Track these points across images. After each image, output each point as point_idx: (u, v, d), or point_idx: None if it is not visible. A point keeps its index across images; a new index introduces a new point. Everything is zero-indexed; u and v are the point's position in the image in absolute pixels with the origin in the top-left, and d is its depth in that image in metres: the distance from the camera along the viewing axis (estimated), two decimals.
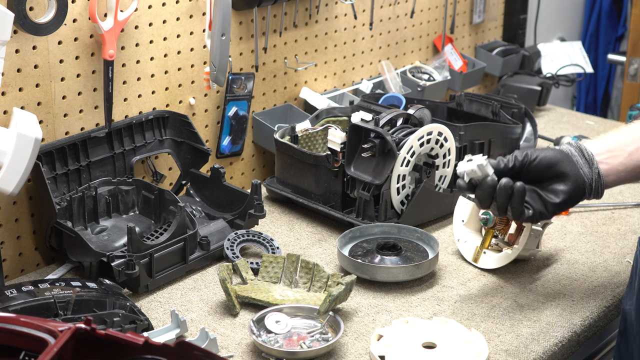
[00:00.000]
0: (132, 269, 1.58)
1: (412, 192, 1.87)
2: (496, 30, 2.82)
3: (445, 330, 1.51)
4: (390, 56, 2.45)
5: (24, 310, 1.41)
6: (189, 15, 1.92)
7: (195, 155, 1.91)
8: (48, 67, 1.69)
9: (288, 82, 2.19)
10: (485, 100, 2.16)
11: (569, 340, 1.54)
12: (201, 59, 1.97)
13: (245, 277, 1.65)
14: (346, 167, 1.85)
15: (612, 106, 3.68)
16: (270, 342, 1.47)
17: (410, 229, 1.80)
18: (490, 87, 2.81)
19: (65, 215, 1.71)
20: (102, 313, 1.44)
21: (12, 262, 1.72)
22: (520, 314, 1.59)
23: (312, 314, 1.54)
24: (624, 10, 3.58)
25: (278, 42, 2.13)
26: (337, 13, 2.25)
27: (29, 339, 1.03)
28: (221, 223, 1.81)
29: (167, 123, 1.90)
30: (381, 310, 1.60)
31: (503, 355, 1.47)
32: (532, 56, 2.76)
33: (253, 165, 2.16)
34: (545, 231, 1.80)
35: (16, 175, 1.45)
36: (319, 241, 1.86)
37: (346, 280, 1.53)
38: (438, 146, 1.88)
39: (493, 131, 2.05)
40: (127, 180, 1.82)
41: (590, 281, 1.71)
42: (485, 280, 1.71)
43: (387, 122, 1.86)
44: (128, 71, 1.83)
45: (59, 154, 1.72)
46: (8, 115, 1.64)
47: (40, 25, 1.61)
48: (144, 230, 1.76)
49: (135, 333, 1.12)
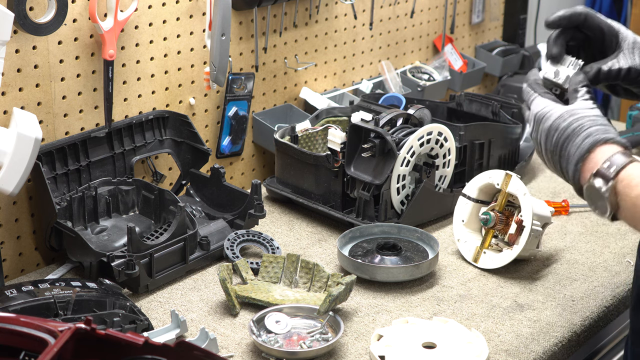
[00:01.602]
0: (132, 269, 1.58)
1: (412, 192, 1.87)
2: (496, 30, 2.82)
3: (445, 330, 1.51)
4: (390, 56, 2.45)
5: (24, 310, 1.41)
6: (189, 15, 1.92)
7: (195, 155, 1.91)
8: (48, 67, 1.69)
9: (288, 82, 2.19)
10: (485, 100, 2.16)
11: (569, 340, 1.54)
12: (201, 59, 1.97)
13: (245, 277, 1.65)
14: (346, 167, 1.85)
15: (612, 106, 3.68)
16: (270, 342, 1.47)
17: (410, 229, 1.80)
18: (490, 87, 2.81)
19: (65, 215, 1.71)
20: (102, 313, 1.44)
21: (12, 262, 1.72)
22: (520, 314, 1.59)
23: (312, 314, 1.54)
24: (624, 10, 3.58)
25: (278, 42, 2.13)
26: (337, 13, 2.25)
27: (29, 339, 1.03)
28: (221, 223, 1.81)
29: (167, 123, 1.90)
30: (381, 310, 1.60)
31: (503, 355, 1.47)
32: (532, 56, 2.76)
33: (253, 165, 2.16)
34: (545, 231, 1.80)
35: (16, 175, 1.45)
36: (319, 241, 1.86)
37: (346, 280, 1.53)
38: (438, 146, 1.88)
39: (493, 131, 2.05)
40: (127, 180, 1.82)
41: (590, 281, 1.71)
42: (485, 280, 1.71)
43: (387, 122, 1.86)
44: (128, 71, 1.83)
45: (59, 154, 1.72)
46: (8, 115, 1.64)
47: (40, 25, 1.61)
48: (144, 230, 1.76)
49: (135, 333, 1.12)
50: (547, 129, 1.29)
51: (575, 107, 1.29)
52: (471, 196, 1.81)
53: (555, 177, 2.18)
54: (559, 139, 1.27)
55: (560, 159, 1.27)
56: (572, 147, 1.25)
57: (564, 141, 1.26)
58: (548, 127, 1.28)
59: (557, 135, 1.27)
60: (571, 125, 1.26)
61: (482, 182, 1.79)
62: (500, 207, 1.76)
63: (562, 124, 1.27)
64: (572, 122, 1.26)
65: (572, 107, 1.29)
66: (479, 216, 1.76)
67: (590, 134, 1.24)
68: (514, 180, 1.73)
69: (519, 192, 1.72)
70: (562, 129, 1.27)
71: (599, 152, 1.22)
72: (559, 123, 1.27)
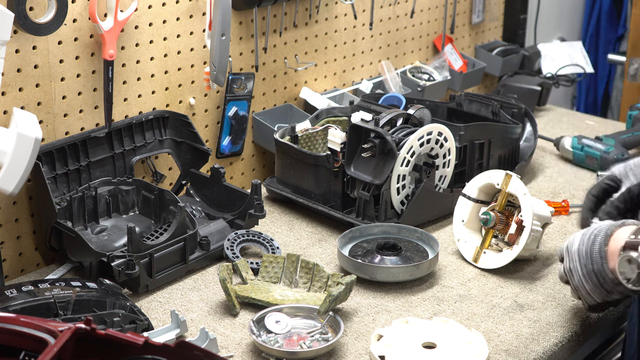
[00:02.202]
0: (132, 269, 1.58)
1: (412, 192, 1.87)
2: (496, 30, 2.82)
3: (445, 330, 1.51)
4: (390, 56, 2.45)
5: (24, 310, 1.41)
6: (189, 15, 1.92)
7: (195, 155, 1.91)
8: (48, 67, 1.69)
9: (288, 82, 2.19)
10: (485, 100, 2.16)
11: (569, 340, 1.54)
12: (201, 59, 1.97)
13: (245, 277, 1.65)
14: (346, 167, 1.85)
15: (612, 106, 3.68)
16: (270, 342, 1.47)
17: (410, 229, 1.80)
18: (490, 87, 2.81)
19: (65, 215, 1.71)
20: (102, 313, 1.44)
21: (12, 262, 1.72)
22: (520, 314, 1.59)
23: (312, 314, 1.54)
24: (624, 10, 3.58)
25: (278, 42, 2.13)
26: (337, 13, 2.25)
27: (29, 339, 1.03)
28: (221, 223, 1.81)
29: (167, 123, 1.90)
30: (381, 310, 1.60)
31: (503, 355, 1.47)
32: (532, 56, 2.76)
33: (253, 165, 2.16)
34: (545, 231, 1.80)
35: (16, 175, 1.45)
36: (319, 241, 1.86)
37: (346, 280, 1.53)
38: (438, 146, 1.88)
39: (493, 131, 2.05)
40: (127, 180, 1.82)
41: None
42: (485, 280, 1.71)
43: (387, 122, 1.86)
44: (128, 71, 1.83)
45: (59, 154, 1.72)
46: (8, 115, 1.64)
47: (40, 25, 1.61)
48: (144, 230, 1.76)
49: (135, 333, 1.12)
50: (576, 250, 1.45)
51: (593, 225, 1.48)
52: (471, 196, 1.81)
53: (555, 177, 2.18)
54: (587, 249, 1.43)
55: (593, 264, 1.42)
56: (595, 245, 1.41)
57: (590, 245, 1.42)
58: (577, 248, 1.45)
59: (585, 247, 1.43)
60: (593, 232, 1.43)
61: (482, 182, 1.79)
62: (501, 207, 1.76)
63: (584, 238, 1.44)
64: (593, 231, 1.43)
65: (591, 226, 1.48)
66: (479, 216, 1.76)
67: (608, 225, 1.42)
68: (514, 180, 1.73)
69: (519, 192, 1.72)
70: (586, 240, 1.43)
71: (619, 233, 1.39)
72: (583, 239, 1.44)
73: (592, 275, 1.42)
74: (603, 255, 1.39)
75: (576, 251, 1.45)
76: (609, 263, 1.39)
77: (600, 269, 1.40)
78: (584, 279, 1.44)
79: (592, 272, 1.42)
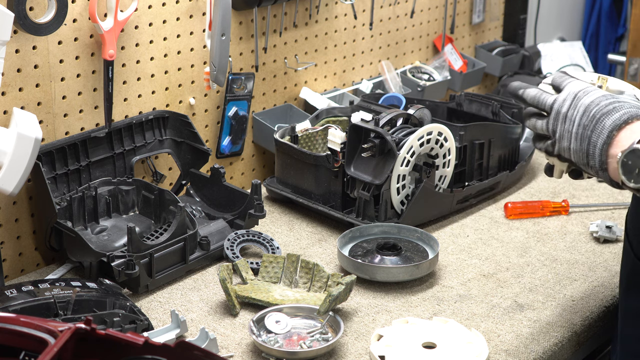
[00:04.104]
0: (132, 269, 1.58)
1: (412, 192, 1.87)
2: (496, 30, 2.82)
3: (445, 330, 1.51)
4: (390, 56, 2.45)
5: (24, 310, 1.41)
6: (189, 15, 1.92)
7: (195, 155, 1.91)
8: (48, 67, 1.69)
9: (288, 82, 2.19)
10: (485, 100, 2.16)
11: (569, 340, 1.54)
12: (201, 59, 1.97)
13: (245, 277, 1.65)
14: (346, 167, 1.85)
15: None
16: (270, 342, 1.47)
17: (410, 229, 1.80)
18: (490, 87, 2.81)
19: (65, 215, 1.71)
20: (102, 313, 1.44)
21: (12, 262, 1.72)
22: (520, 314, 1.59)
23: (312, 314, 1.54)
24: (624, 10, 3.58)
25: (278, 42, 2.13)
26: (337, 13, 2.25)
27: (29, 339, 1.03)
28: (221, 223, 1.81)
29: (167, 123, 1.90)
30: (381, 310, 1.60)
31: (503, 355, 1.47)
32: (532, 56, 2.76)
33: (253, 165, 2.16)
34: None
35: (16, 175, 1.45)
36: (319, 241, 1.86)
37: (346, 280, 1.53)
38: (438, 146, 1.88)
39: (493, 131, 2.05)
40: (127, 180, 1.82)
41: (590, 281, 1.71)
42: (485, 280, 1.71)
43: (387, 122, 1.86)
44: (128, 71, 1.83)
45: (59, 154, 1.72)
46: (8, 115, 1.64)
47: (40, 25, 1.61)
48: (144, 230, 1.76)
49: (135, 333, 1.12)
50: (587, 104, 1.30)
51: (619, 95, 1.32)
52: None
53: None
54: (597, 112, 1.28)
55: (592, 132, 1.28)
56: (608, 120, 1.26)
57: (601, 115, 1.28)
58: (589, 102, 1.30)
59: (596, 110, 1.29)
60: (612, 104, 1.28)
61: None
62: None
63: (603, 101, 1.29)
64: (613, 102, 1.28)
65: (616, 94, 1.32)
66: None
67: (631, 110, 1.26)
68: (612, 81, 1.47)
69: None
70: (603, 105, 1.28)
71: (638, 124, 1.25)
72: (601, 100, 1.29)
73: (584, 143, 1.29)
74: (611, 137, 1.26)
75: (585, 105, 1.30)
76: (608, 150, 1.26)
77: (595, 144, 1.27)
78: (575, 135, 1.31)
79: (586, 142, 1.29)
